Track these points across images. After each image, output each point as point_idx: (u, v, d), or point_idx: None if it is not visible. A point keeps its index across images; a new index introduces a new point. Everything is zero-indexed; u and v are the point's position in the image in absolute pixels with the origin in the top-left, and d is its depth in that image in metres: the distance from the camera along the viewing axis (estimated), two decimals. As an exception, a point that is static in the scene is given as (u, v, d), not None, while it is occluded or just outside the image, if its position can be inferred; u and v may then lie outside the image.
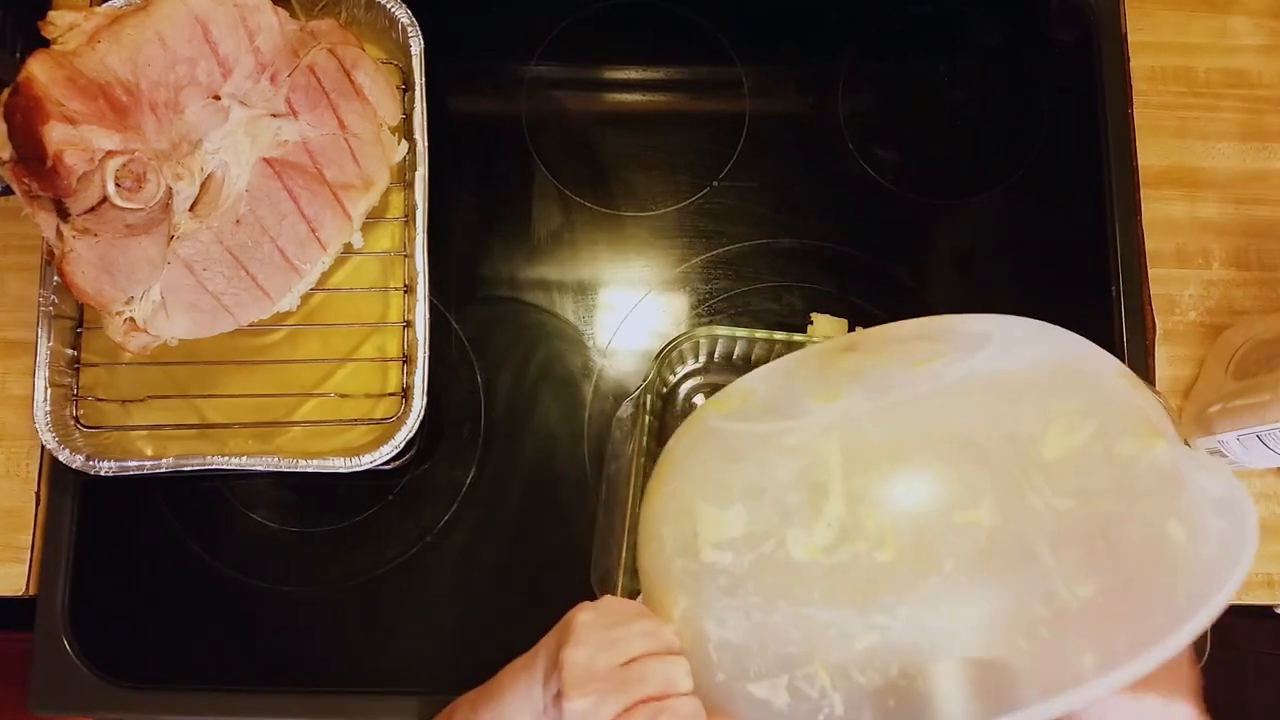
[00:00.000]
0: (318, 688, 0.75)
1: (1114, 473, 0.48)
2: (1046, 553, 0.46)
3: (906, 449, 0.50)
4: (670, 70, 0.89)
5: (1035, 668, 0.45)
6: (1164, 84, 0.88)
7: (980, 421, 0.49)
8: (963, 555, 0.46)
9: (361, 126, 0.74)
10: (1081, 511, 0.46)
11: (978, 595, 0.46)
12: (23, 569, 0.77)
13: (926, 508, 0.48)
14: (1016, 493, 0.47)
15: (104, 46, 0.63)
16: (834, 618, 0.47)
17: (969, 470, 0.48)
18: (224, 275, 0.70)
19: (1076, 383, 0.51)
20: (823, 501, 0.49)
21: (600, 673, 0.50)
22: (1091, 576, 0.45)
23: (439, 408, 0.78)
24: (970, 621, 0.46)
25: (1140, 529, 0.47)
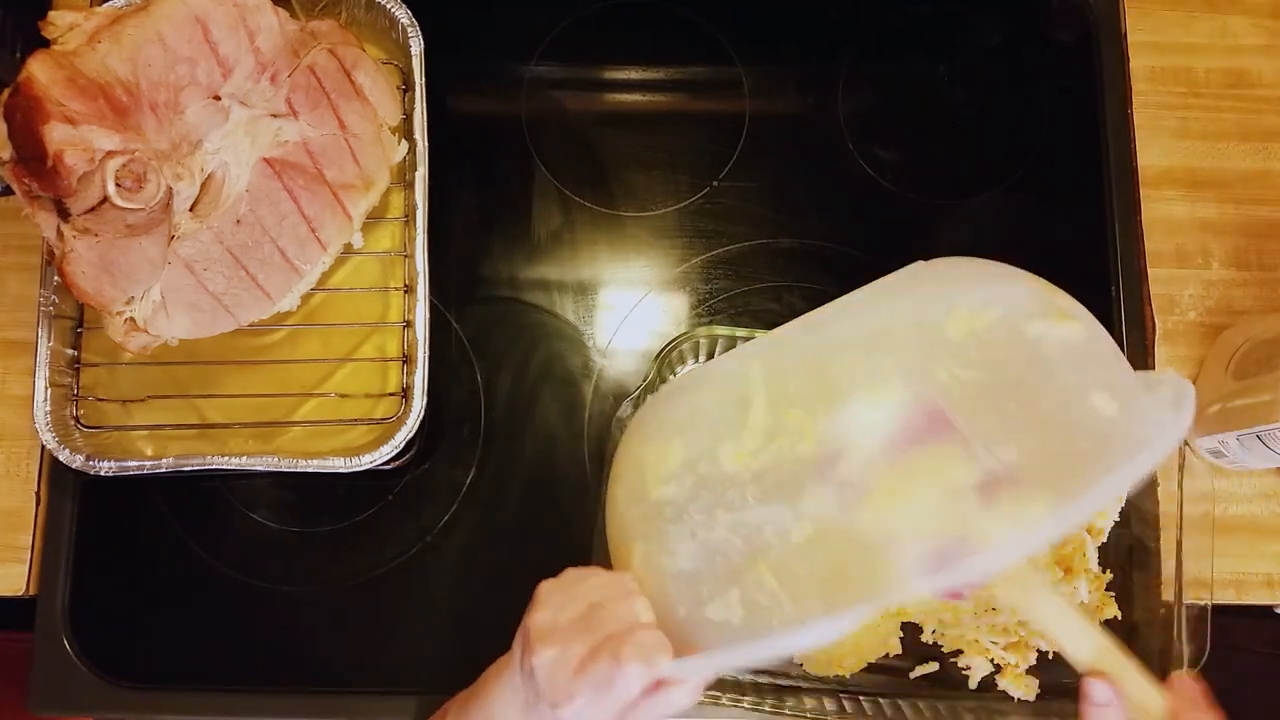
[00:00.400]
0: (318, 688, 0.75)
1: (1023, 348, 0.49)
2: (961, 421, 0.46)
3: (821, 351, 0.53)
4: (670, 70, 0.89)
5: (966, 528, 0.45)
6: (1164, 84, 0.88)
7: (887, 318, 0.52)
8: (879, 433, 0.47)
9: (362, 127, 0.74)
10: (990, 380, 0.47)
11: (901, 470, 0.46)
12: (23, 569, 0.77)
13: (840, 396, 0.49)
14: (923, 371, 0.48)
15: (104, 47, 0.63)
16: (768, 515, 0.48)
17: (878, 358, 0.50)
18: (224, 275, 0.70)
19: (984, 282, 0.53)
20: (746, 412, 0.51)
21: (562, 624, 0.51)
22: (1010, 441, 0.46)
23: (439, 408, 0.78)
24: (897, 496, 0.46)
25: (1058, 397, 0.47)
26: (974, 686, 0.74)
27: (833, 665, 0.72)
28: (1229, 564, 0.79)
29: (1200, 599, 0.71)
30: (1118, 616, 0.73)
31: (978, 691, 0.74)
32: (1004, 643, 0.73)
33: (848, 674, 0.72)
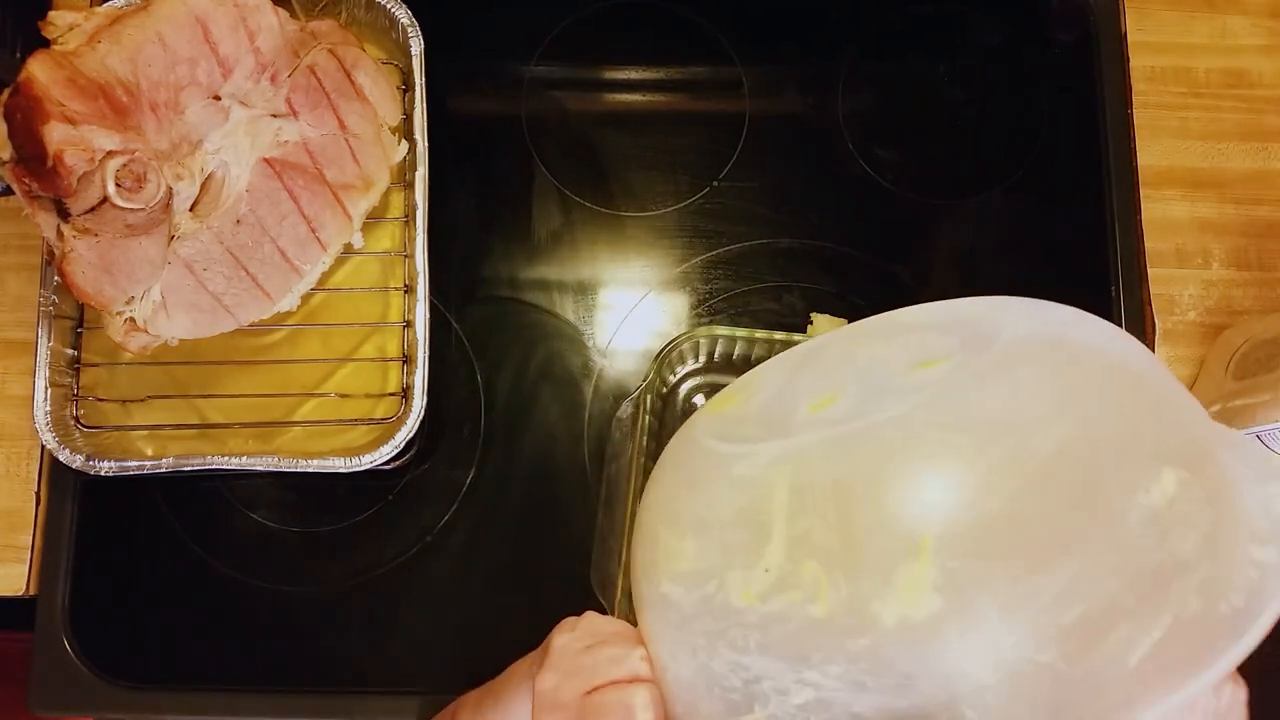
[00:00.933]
0: (318, 688, 0.75)
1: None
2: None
3: (854, 474, 0.44)
4: (670, 70, 0.89)
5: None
6: (1164, 84, 0.88)
7: (962, 426, 0.44)
8: (904, 611, 0.41)
9: (362, 127, 0.74)
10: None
11: (912, 658, 0.41)
12: (23, 569, 0.77)
13: (860, 556, 0.42)
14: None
15: (104, 47, 0.63)
16: (768, 669, 0.44)
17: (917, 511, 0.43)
18: (224, 275, 0.70)
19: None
20: (763, 545, 0.45)
21: (564, 701, 0.49)
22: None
23: (439, 408, 0.78)
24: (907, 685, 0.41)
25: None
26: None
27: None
28: (1229, 564, 0.79)
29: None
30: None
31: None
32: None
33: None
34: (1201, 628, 0.40)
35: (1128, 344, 0.50)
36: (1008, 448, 0.43)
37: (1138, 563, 0.40)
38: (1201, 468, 0.43)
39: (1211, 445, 0.45)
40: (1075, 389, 0.45)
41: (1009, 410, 0.44)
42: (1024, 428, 0.43)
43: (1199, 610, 0.40)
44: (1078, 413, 0.44)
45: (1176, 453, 0.43)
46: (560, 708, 0.49)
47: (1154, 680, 0.40)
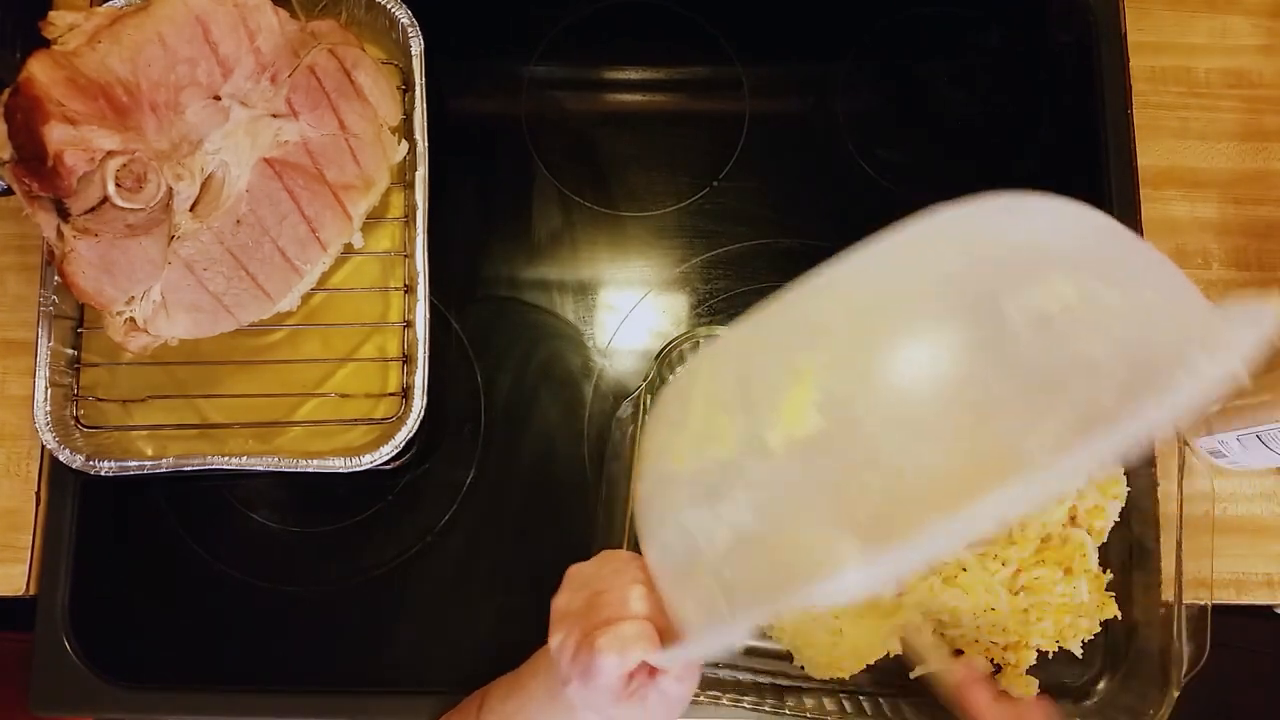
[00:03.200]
0: (318, 688, 0.75)
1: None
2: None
3: (753, 341, 0.49)
4: (670, 70, 0.89)
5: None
6: (1164, 84, 0.88)
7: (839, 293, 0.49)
8: (790, 431, 0.43)
9: (362, 127, 0.74)
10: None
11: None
12: (23, 569, 0.77)
13: (753, 397, 0.45)
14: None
15: (104, 47, 0.63)
16: (697, 519, 0.46)
17: (804, 352, 0.45)
18: (224, 275, 0.70)
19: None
20: (686, 412, 0.49)
21: (572, 610, 0.53)
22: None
23: (439, 408, 0.78)
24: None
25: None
26: (974, 686, 0.74)
27: (832, 668, 0.72)
28: (1229, 564, 0.79)
29: (1200, 599, 0.71)
30: (1117, 616, 0.73)
31: (978, 691, 0.74)
32: (1004, 642, 0.73)
33: (847, 675, 0.72)
34: (1113, 420, 0.40)
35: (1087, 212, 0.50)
36: (890, 279, 0.46)
37: (1025, 362, 0.41)
38: (1133, 289, 0.44)
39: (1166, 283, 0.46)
40: (974, 227, 0.48)
41: (903, 249, 0.48)
42: (920, 260, 0.47)
43: (1112, 406, 0.40)
44: (974, 243, 0.47)
45: (1093, 271, 0.43)
46: (568, 615, 0.53)
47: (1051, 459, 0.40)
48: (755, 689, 0.73)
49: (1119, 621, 0.74)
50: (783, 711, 0.70)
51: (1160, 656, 0.71)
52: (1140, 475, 0.76)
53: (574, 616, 0.52)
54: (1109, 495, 0.74)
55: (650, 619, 0.51)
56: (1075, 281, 0.42)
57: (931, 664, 0.66)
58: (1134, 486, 0.75)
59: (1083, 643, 0.74)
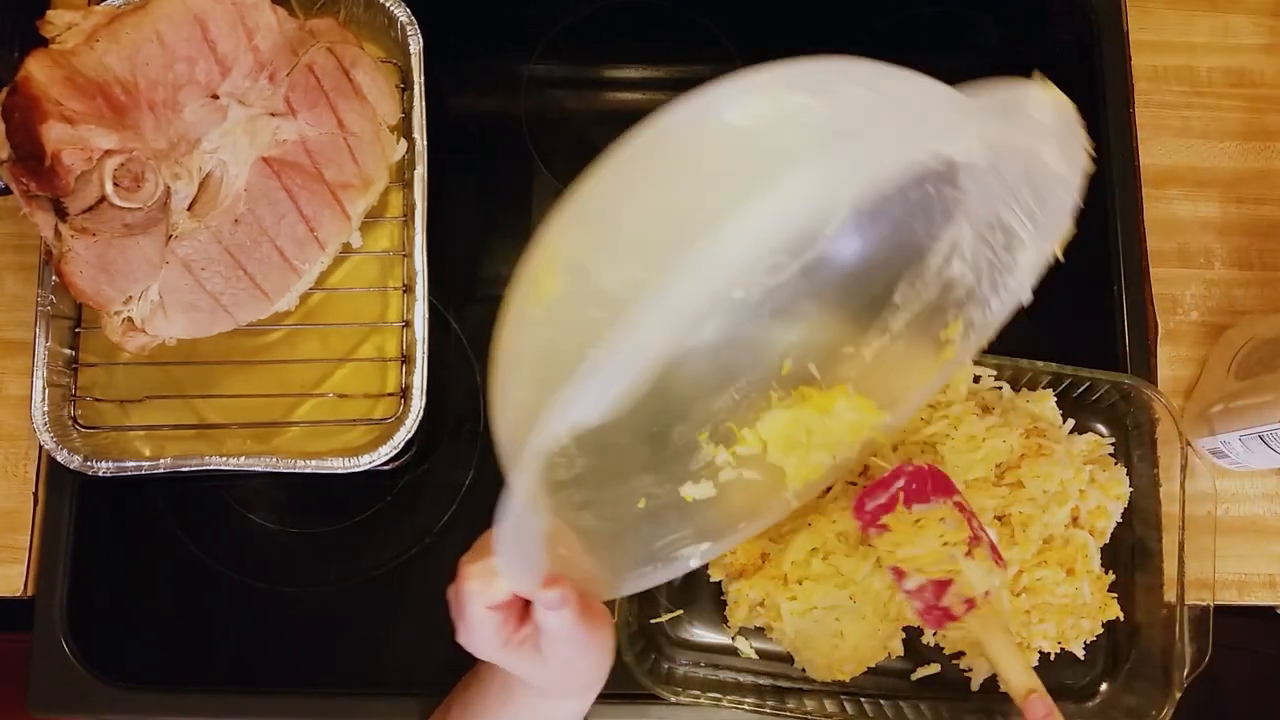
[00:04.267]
0: (317, 688, 0.75)
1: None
2: None
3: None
4: (670, 70, 0.89)
5: None
6: (1166, 83, 0.87)
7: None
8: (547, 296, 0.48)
9: (360, 125, 0.74)
10: None
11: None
12: (21, 569, 0.76)
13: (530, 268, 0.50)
14: None
15: (102, 45, 0.63)
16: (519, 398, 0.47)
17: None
18: (222, 275, 0.70)
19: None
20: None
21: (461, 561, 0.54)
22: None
23: (439, 408, 0.78)
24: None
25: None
26: (976, 689, 0.74)
27: (833, 671, 0.71)
28: (1231, 564, 0.79)
29: (1202, 600, 0.70)
30: (1119, 617, 0.73)
31: (979, 694, 0.74)
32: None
33: (848, 678, 0.72)
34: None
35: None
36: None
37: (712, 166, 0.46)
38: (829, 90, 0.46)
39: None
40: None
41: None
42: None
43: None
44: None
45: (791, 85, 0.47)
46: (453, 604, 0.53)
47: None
48: (755, 690, 0.73)
49: (1121, 622, 0.74)
50: (783, 713, 0.70)
51: (1162, 657, 0.71)
52: (1142, 476, 0.76)
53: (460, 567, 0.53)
54: (1111, 496, 0.74)
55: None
56: (767, 96, 0.46)
57: (1010, 678, 0.63)
58: (1136, 487, 0.75)
59: (1085, 644, 0.73)
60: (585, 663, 0.54)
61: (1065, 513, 0.72)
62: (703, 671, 0.74)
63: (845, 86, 0.45)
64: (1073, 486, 0.72)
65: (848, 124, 0.43)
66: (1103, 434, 0.77)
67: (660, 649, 0.74)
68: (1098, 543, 0.73)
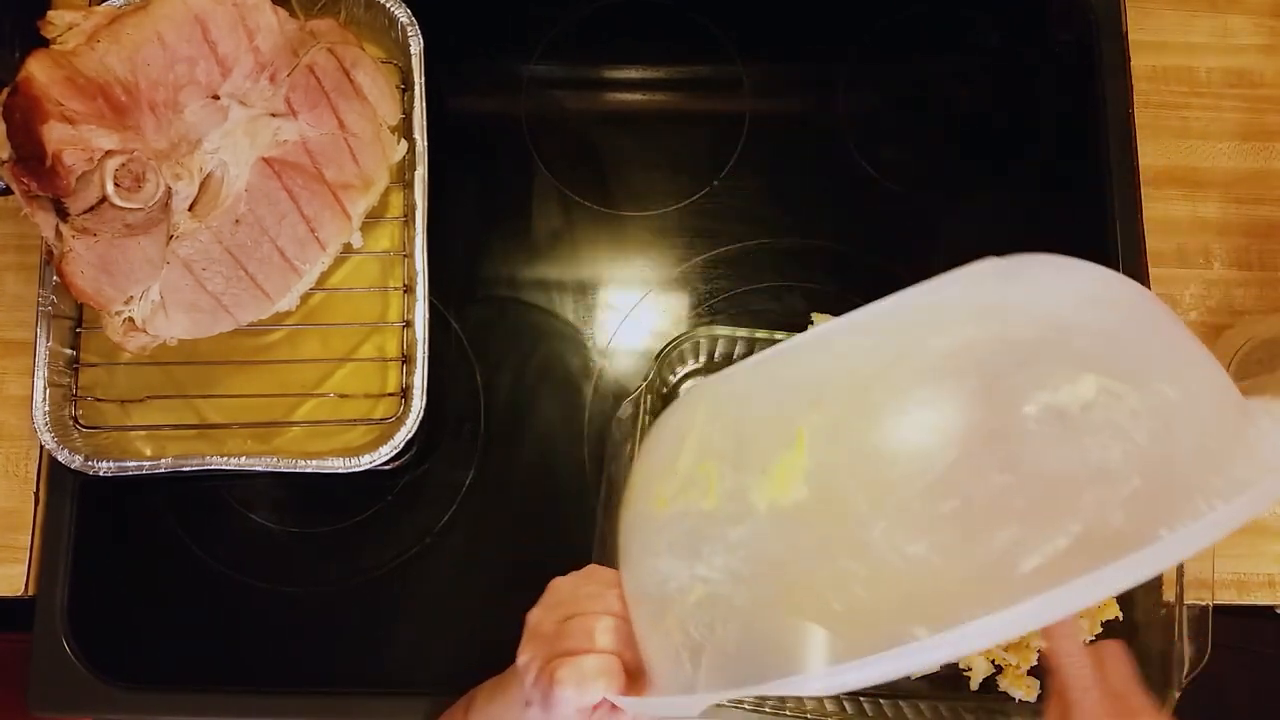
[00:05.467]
0: (318, 688, 0.75)
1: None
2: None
3: (752, 394, 0.47)
4: (670, 70, 0.89)
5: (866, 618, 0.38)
6: (1165, 83, 0.87)
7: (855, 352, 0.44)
8: (775, 497, 0.40)
9: (361, 126, 0.74)
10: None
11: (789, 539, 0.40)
12: (21, 569, 0.76)
13: (746, 450, 0.43)
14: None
15: (103, 46, 0.63)
16: (672, 569, 0.45)
17: (801, 410, 0.42)
18: (223, 275, 0.70)
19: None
20: (679, 452, 0.47)
21: (543, 631, 0.52)
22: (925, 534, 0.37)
23: (439, 408, 0.78)
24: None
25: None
26: (975, 687, 0.74)
27: (833, 668, 0.71)
28: (1230, 564, 0.79)
29: (1201, 599, 0.70)
30: (1118, 617, 0.73)
31: (979, 692, 0.74)
32: (1005, 644, 0.73)
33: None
34: (1122, 546, 0.36)
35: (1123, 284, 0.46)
36: (901, 346, 0.42)
37: (1032, 461, 0.37)
38: (1152, 385, 0.39)
39: (1189, 378, 0.42)
40: (1007, 299, 0.43)
41: (917, 313, 0.44)
42: (926, 328, 0.43)
43: (1123, 528, 0.37)
44: (994, 318, 0.42)
45: (1114, 366, 0.40)
46: (537, 636, 0.52)
47: (1048, 587, 0.36)
48: (755, 690, 0.72)
49: (1120, 622, 0.74)
50: (783, 712, 0.70)
51: (1161, 658, 0.71)
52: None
53: (543, 637, 0.51)
54: (1110, 496, 0.74)
55: (618, 654, 0.49)
56: (1097, 377, 0.38)
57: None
58: (1135, 487, 0.75)
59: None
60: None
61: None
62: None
63: (1162, 380, 0.39)
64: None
65: (1168, 450, 0.37)
66: (1102, 434, 0.77)
67: (660, 649, 0.74)
68: (1097, 542, 0.73)
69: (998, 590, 0.35)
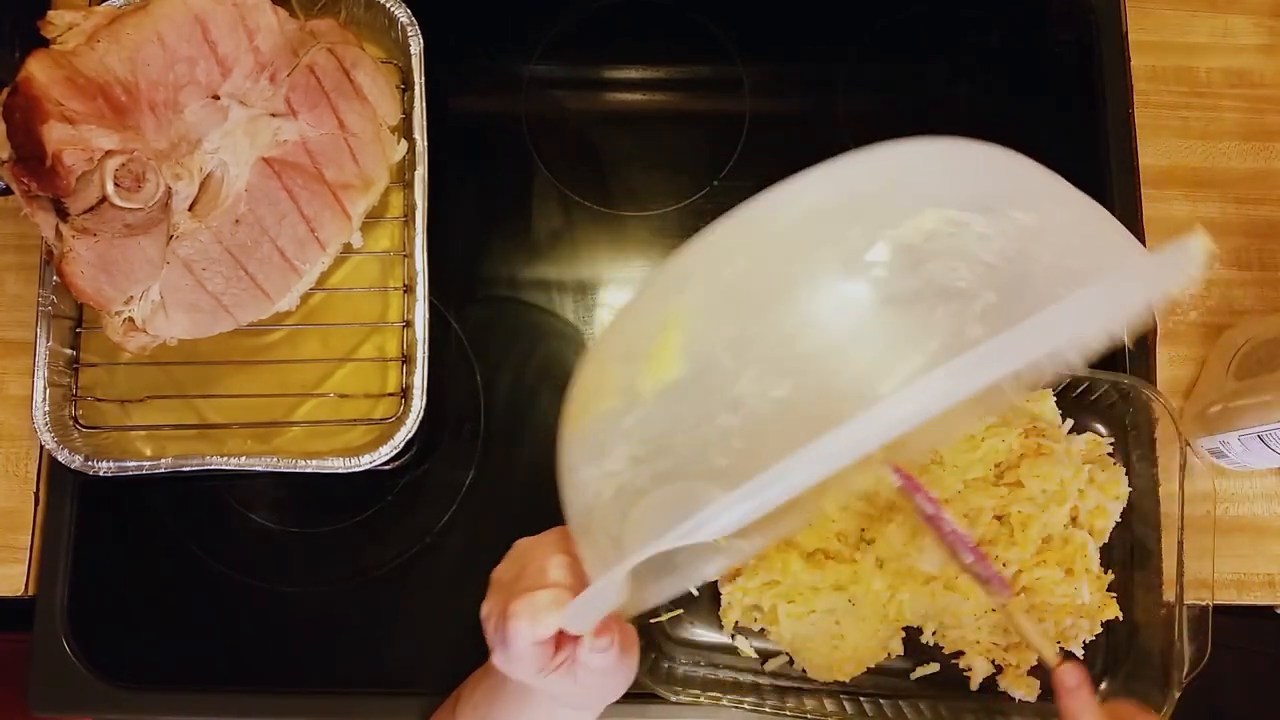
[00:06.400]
0: (318, 688, 0.75)
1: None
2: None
3: (640, 296, 0.48)
4: (670, 70, 0.89)
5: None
6: (1165, 83, 0.87)
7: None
8: (658, 378, 0.42)
9: (361, 126, 0.74)
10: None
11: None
12: (21, 569, 0.76)
13: (636, 346, 0.45)
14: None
15: (103, 46, 0.63)
16: (586, 477, 0.46)
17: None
18: (223, 275, 0.70)
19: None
20: (581, 373, 0.50)
21: (504, 581, 0.53)
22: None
23: (439, 408, 0.78)
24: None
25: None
26: (975, 688, 0.74)
27: (833, 672, 0.71)
28: (1230, 564, 0.79)
29: (1201, 599, 0.70)
30: (1119, 617, 0.73)
31: (979, 693, 0.74)
32: (1005, 644, 0.73)
33: (848, 678, 0.72)
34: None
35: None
36: (757, 221, 0.44)
37: (883, 293, 0.39)
38: (1004, 214, 0.41)
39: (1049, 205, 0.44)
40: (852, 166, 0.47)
41: (785, 194, 0.46)
42: (795, 204, 0.45)
43: (979, 337, 0.38)
44: (842, 182, 0.46)
45: (960, 201, 0.42)
46: (498, 585, 0.53)
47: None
48: (755, 690, 0.73)
49: (1120, 622, 0.74)
50: (783, 712, 0.70)
51: (1161, 657, 0.71)
52: (1141, 475, 0.76)
53: (501, 587, 0.53)
54: (1110, 496, 0.74)
55: (571, 588, 0.50)
56: (939, 209, 0.41)
57: (1041, 651, 0.62)
58: (1135, 487, 0.75)
59: (1084, 643, 0.74)
60: (614, 682, 0.55)
61: (1064, 512, 0.72)
62: (702, 671, 0.74)
63: (1015, 209, 0.41)
64: (1072, 486, 0.72)
65: (1024, 268, 0.39)
66: (1102, 434, 0.77)
67: (660, 648, 0.74)
68: (1097, 542, 0.74)
69: (860, 403, 0.36)
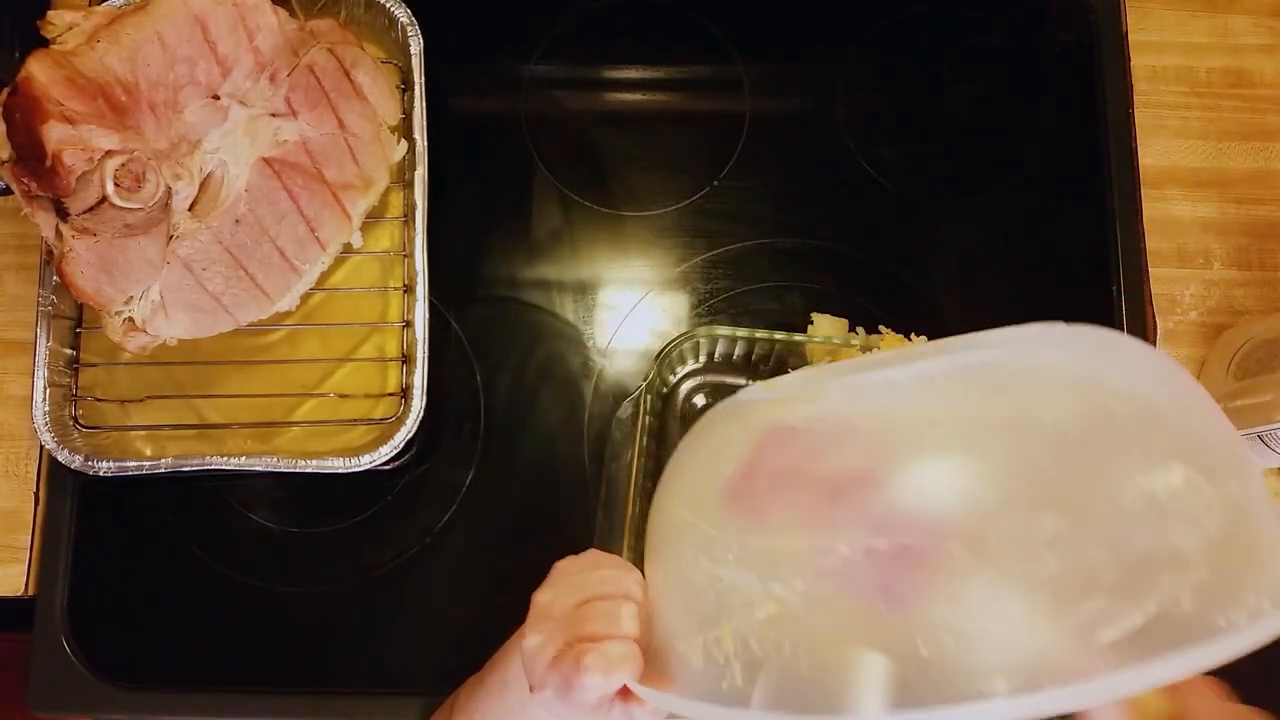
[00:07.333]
0: (318, 688, 0.75)
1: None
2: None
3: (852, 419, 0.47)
4: (670, 70, 0.89)
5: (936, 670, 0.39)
6: (1165, 83, 0.87)
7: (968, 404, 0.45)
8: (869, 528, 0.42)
9: (361, 126, 0.74)
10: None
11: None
12: (21, 569, 0.76)
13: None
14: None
15: (103, 46, 0.63)
16: (736, 579, 0.44)
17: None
18: (223, 275, 0.70)
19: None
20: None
21: (555, 613, 0.50)
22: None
23: (439, 408, 0.78)
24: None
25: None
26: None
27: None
28: (1230, 564, 0.79)
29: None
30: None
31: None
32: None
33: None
34: (1187, 631, 0.39)
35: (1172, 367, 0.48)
36: (1008, 407, 0.44)
37: (1124, 540, 0.39)
38: (1222, 481, 0.42)
39: (1247, 476, 0.44)
40: (1102, 375, 0.45)
41: (1013, 375, 0.45)
42: (1027, 390, 0.44)
43: (1190, 613, 0.39)
44: (1098, 396, 0.44)
45: (1196, 458, 0.42)
46: (549, 618, 0.50)
47: (1120, 663, 0.38)
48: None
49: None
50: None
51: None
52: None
53: (557, 620, 0.50)
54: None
55: (640, 641, 0.48)
56: (1185, 467, 0.41)
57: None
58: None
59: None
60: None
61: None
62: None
63: (1227, 476, 0.41)
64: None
65: (1226, 564, 0.39)
66: (1102, 434, 0.77)
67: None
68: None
69: (1078, 659, 0.37)
